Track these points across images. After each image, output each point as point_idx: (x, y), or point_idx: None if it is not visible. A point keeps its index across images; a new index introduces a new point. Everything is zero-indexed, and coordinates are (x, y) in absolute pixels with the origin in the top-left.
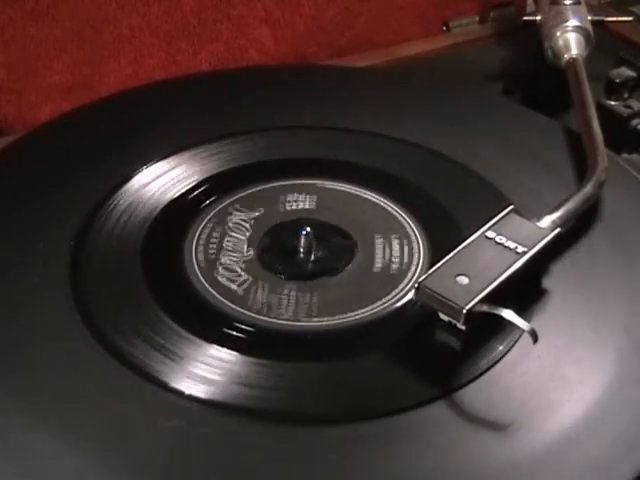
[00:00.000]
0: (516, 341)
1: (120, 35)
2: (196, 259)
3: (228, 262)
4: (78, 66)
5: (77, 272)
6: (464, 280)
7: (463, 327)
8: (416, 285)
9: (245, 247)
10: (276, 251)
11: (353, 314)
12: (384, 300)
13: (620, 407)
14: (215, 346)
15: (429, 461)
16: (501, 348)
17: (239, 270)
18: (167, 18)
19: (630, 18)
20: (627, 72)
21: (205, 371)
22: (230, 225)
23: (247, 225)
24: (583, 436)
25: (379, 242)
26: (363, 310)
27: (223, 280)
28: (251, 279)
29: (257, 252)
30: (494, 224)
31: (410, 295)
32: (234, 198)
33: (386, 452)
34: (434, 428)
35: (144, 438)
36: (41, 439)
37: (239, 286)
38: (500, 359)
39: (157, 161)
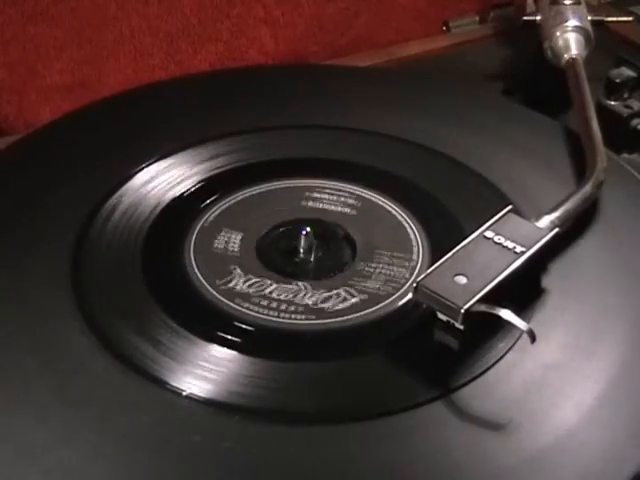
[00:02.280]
0: (516, 341)
1: (120, 35)
2: (196, 259)
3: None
4: (78, 66)
5: (77, 272)
6: (462, 280)
7: (461, 327)
8: (414, 285)
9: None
10: (276, 251)
11: (353, 314)
12: (383, 300)
13: (620, 407)
14: (215, 346)
15: (428, 461)
16: (501, 346)
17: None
18: (167, 18)
19: (630, 18)
20: (627, 72)
21: (205, 371)
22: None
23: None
24: (583, 436)
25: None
26: (363, 310)
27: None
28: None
29: (257, 252)
30: (493, 224)
31: (409, 295)
32: (234, 198)
33: (386, 452)
34: (433, 428)
35: (144, 438)
36: (41, 439)
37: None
38: (499, 359)
39: (157, 161)
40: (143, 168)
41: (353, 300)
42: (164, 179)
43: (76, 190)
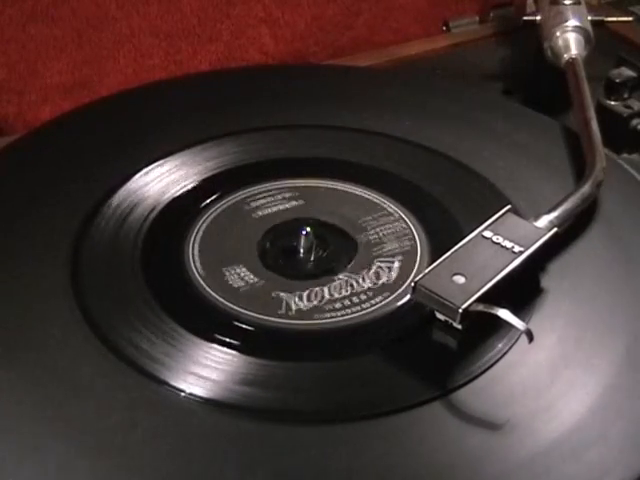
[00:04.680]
0: (515, 341)
1: (120, 35)
2: (196, 259)
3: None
4: (78, 66)
5: (77, 272)
6: (461, 279)
7: (459, 326)
8: (413, 284)
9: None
10: (276, 250)
11: (352, 314)
12: (383, 300)
13: (620, 407)
14: (215, 345)
15: (427, 461)
16: (499, 346)
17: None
18: (167, 18)
19: (630, 18)
20: (627, 72)
21: (205, 371)
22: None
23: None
24: (582, 437)
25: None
26: (362, 310)
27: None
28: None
29: (257, 251)
30: (491, 223)
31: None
32: (233, 198)
33: (385, 452)
34: (432, 428)
35: (144, 437)
36: (41, 439)
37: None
38: (498, 359)
39: (157, 161)
40: (143, 168)
41: (396, 264)
42: (164, 179)
43: (76, 190)
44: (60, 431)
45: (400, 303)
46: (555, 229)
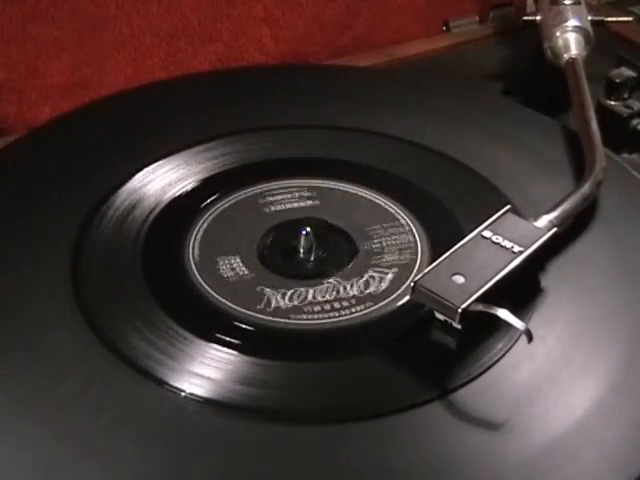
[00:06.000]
0: (515, 341)
1: (120, 35)
2: (196, 259)
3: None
4: (78, 66)
5: (77, 272)
6: (460, 279)
7: (459, 326)
8: (412, 284)
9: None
10: (276, 250)
11: (352, 314)
12: (382, 300)
13: (620, 408)
14: (215, 345)
15: (426, 461)
16: (498, 347)
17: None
18: (167, 18)
19: (630, 18)
20: (627, 72)
21: (205, 370)
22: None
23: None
24: (582, 437)
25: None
26: (362, 310)
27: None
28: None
29: (257, 251)
30: (491, 223)
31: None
32: (234, 198)
33: (384, 452)
34: (431, 428)
35: (144, 438)
36: (41, 439)
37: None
38: (498, 359)
39: (157, 161)
40: (143, 168)
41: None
42: (164, 179)
43: (76, 190)
44: (60, 431)
45: (400, 303)
46: (555, 229)
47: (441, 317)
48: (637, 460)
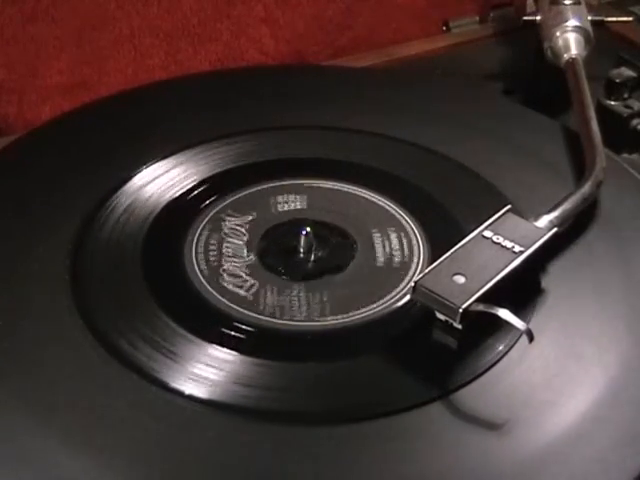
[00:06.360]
0: (516, 341)
1: (120, 35)
2: (195, 259)
3: (227, 261)
4: (78, 66)
5: (77, 272)
6: (461, 279)
7: (460, 326)
8: (413, 284)
9: (244, 246)
10: (276, 251)
11: (352, 314)
12: (382, 300)
13: (620, 406)
14: (215, 346)
15: (428, 462)
16: (501, 348)
17: (238, 270)
18: (167, 18)
19: (630, 18)
20: (627, 72)
21: (205, 371)
22: (230, 224)
23: (247, 224)
24: (582, 437)
25: (378, 242)
26: (362, 310)
27: (222, 280)
28: (250, 279)
29: (257, 252)
30: (491, 223)
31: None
32: (234, 198)
33: (385, 453)
34: (431, 428)
35: (144, 438)
36: (41, 439)
37: (238, 285)
38: (499, 359)
39: (157, 161)
40: (143, 168)
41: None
42: (164, 179)
43: (75, 190)
44: (59, 432)
45: (400, 304)
46: (555, 229)
47: (442, 317)
48: (635, 461)
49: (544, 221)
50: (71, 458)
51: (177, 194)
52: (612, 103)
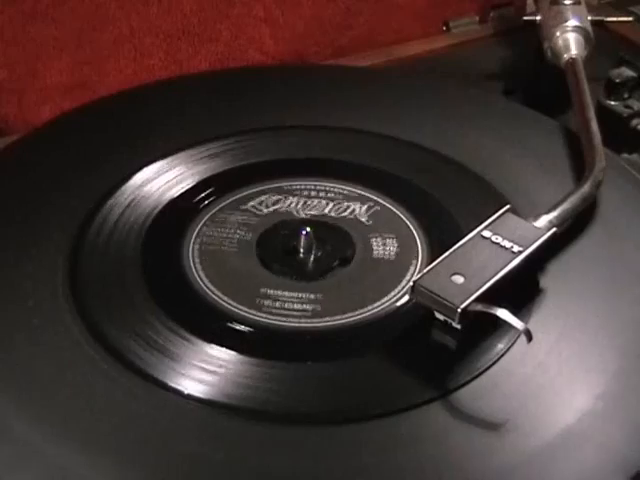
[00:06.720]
0: (514, 341)
1: (120, 35)
2: (195, 259)
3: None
4: (78, 66)
5: (76, 272)
6: (459, 279)
7: (458, 326)
8: (411, 284)
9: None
10: (276, 251)
11: (351, 315)
12: (382, 300)
13: (619, 407)
14: (214, 346)
15: (427, 462)
16: (498, 346)
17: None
18: (167, 18)
19: (630, 18)
20: (627, 72)
21: (204, 371)
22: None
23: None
24: (582, 436)
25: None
26: (361, 311)
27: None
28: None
29: (257, 252)
30: (490, 223)
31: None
32: (234, 198)
33: (385, 452)
34: (431, 429)
35: (144, 438)
36: (41, 440)
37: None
38: (498, 359)
39: (157, 161)
40: (142, 168)
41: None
42: (163, 179)
43: (75, 190)
44: (59, 432)
45: (400, 304)
46: (554, 229)
47: (441, 317)
48: (635, 459)
49: (543, 221)
50: (71, 458)
51: (177, 194)
52: (612, 103)
